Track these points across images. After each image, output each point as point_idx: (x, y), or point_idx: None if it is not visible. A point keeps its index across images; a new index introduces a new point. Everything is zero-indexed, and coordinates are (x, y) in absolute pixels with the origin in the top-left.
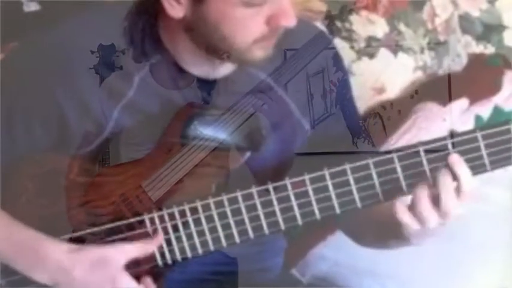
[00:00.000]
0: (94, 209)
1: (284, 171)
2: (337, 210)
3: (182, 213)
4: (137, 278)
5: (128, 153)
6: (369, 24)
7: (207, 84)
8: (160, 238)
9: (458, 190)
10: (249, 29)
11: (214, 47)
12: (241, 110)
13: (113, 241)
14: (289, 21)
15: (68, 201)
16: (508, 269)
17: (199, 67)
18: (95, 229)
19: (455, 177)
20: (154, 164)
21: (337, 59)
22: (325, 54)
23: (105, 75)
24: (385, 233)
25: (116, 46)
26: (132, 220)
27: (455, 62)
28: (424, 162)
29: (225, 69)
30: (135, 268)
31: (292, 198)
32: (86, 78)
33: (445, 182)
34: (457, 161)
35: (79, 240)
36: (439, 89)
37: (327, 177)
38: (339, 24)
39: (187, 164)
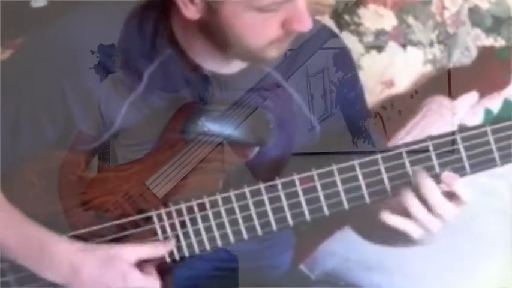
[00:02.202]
0: (97, 206)
1: (282, 167)
2: (345, 206)
3: (190, 210)
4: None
5: (125, 154)
6: (377, 18)
7: (214, 80)
8: (172, 243)
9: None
10: (263, 33)
11: (228, 46)
12: (245, 105)
13: (119, 238)
14: (305, 26)
15: (69, 199)
16: (509, 270)
17: (211, 62)
18: (100, 226)
19: (453, 194)
20: (158, 161)
21: (340, 57)
22: (326, 54)
23: (105, 75)
24: (393, 231)
25: (116, 46)
26: (139, 216)
27: (464, 55)
28: (433, 156)
29: (238, 64)
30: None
31: (300, 194)
32: (91, 75)
33: (429, 187)
34: (451, 179)
35: (83, 238)
36: (439, 87)
37: (335, 172)
38: (347, 17)
39: (192, 160)
